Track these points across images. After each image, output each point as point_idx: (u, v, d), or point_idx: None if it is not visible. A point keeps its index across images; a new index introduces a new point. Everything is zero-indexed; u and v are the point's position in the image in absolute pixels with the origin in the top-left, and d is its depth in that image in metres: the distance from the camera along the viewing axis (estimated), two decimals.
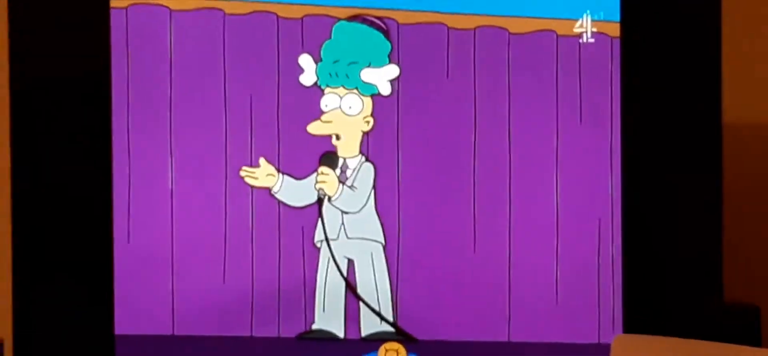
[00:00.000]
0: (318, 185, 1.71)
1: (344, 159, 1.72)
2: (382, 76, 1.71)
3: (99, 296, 1.71)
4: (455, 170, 1.72)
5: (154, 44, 1.71)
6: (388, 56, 1.71)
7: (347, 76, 1.70)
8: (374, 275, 1.72)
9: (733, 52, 1.77)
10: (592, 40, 1.71)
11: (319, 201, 1.72)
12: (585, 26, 1.71)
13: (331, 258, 1.72)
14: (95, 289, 1.71)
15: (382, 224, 1.72)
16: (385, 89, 1.71)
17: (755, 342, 1.73)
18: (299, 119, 1.72)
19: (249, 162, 1.71)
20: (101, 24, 1.71)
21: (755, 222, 1.99)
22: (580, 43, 1.72)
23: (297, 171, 1.72)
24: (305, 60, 1.71)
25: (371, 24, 1.71)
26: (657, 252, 1.72)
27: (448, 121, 1.71)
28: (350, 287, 1.72)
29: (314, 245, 1.72)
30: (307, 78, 1.71)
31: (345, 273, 1.72)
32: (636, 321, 1.71)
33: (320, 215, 1.71)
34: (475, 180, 1.72)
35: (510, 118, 1.72)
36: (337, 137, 1.72)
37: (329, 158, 1.72)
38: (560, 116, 1.71)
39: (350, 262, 1.73)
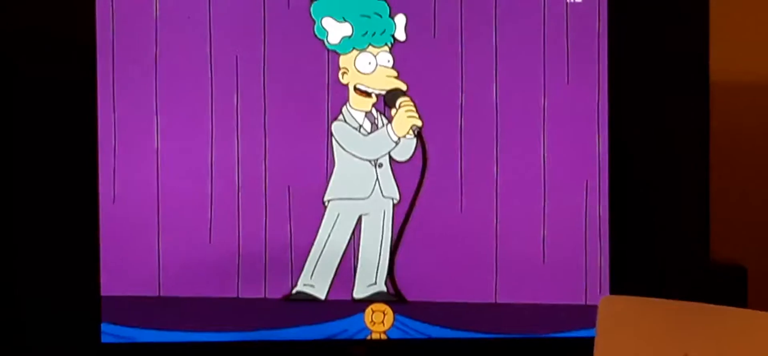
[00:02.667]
0: (413, 121, 1.69)
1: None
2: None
3: (85, 257, 1.70)
4: (441, 130, 1.71)
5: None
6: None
7: (378, 33, 1.69)
8: (382, 232, 1.71)
9: (721, 11, 1.76)
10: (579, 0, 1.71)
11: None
12: None
13: (339, 216, 1.70)
14: (81, 251, 1.71)
15: (396, 180, 1.71)
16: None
17: (742, 302, 1.73)
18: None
19: (234, 122, 1.70)
20: None
21: (742, 182, 1.99)
22: (567, 2, 1.71)
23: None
24: (328, 22, 1.69)
25: None
26: (644, 213, 1.72)
27: (434, 80, 1.71)
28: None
29: (323, 203, 1.71)
30: (334, 37, 1.69)
31: (352, 232, 1.71)
32: (623, 282, 1.71)
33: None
34: (461, 140, 1.71)
35: (497, 77, 1.71)
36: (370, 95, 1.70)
37: (396, 92, 1.70)
38: (547, 75, 1.71)
39: (358, 220, 1.71)
